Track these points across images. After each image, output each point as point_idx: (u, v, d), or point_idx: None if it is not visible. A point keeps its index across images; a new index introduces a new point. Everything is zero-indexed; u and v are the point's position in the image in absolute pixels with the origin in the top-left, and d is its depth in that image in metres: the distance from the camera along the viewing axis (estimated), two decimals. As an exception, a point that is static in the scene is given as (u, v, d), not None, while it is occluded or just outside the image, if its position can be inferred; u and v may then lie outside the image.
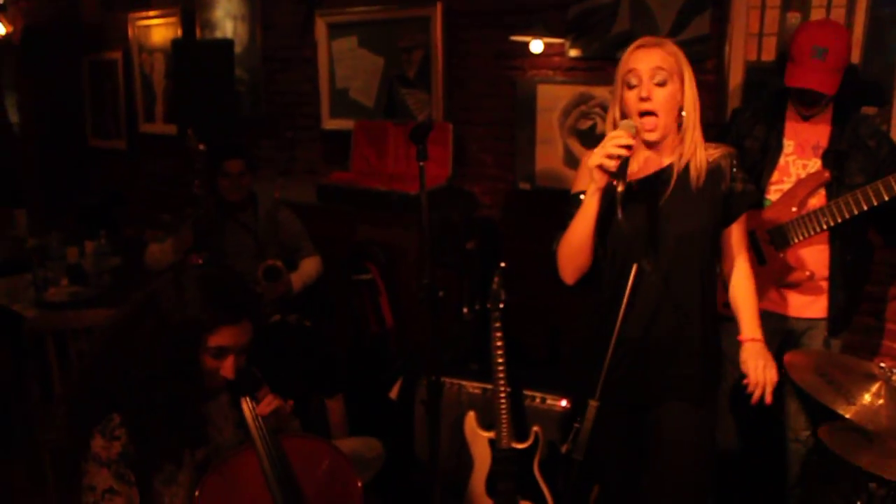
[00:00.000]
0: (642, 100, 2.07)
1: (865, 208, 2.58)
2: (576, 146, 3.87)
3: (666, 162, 2.18)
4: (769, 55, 3.30)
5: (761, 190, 2.74)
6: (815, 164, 2.76)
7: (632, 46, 2.14)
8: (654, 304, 2.16)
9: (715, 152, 2.19)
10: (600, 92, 3.75)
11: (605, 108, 3.75)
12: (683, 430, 2.23)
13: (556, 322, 4.08)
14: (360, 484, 2.04)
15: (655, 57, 2.08)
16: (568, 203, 2.27)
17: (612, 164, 1.96)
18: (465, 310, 3.71)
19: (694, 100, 2.13)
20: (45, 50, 6.21)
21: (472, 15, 4.11)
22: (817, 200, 2.74)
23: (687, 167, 2.15)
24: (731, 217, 2.22)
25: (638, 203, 2.11)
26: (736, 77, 3.33)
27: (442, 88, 4.21)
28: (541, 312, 4.08)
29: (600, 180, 2.02)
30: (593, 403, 1.81)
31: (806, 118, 2.75)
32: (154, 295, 1.92)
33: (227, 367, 1.91)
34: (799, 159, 2.79)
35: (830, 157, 2.72)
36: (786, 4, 3.24)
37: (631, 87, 2.10)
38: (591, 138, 3.81)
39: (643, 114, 2.10)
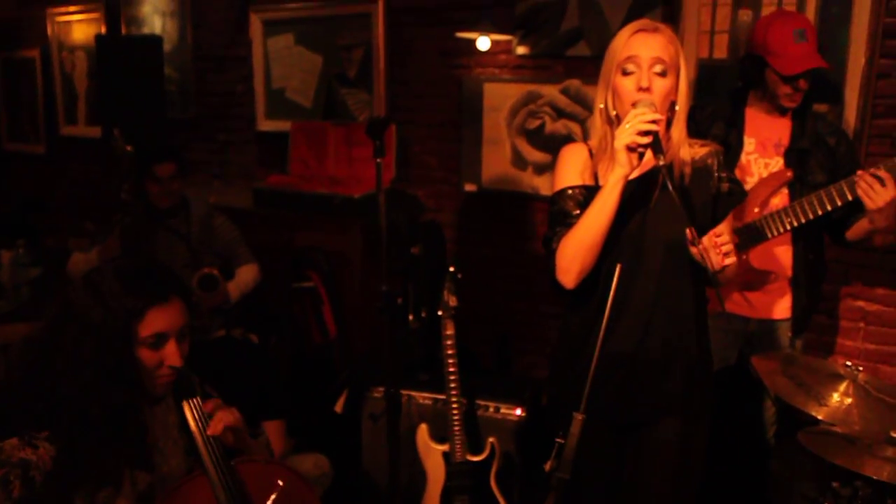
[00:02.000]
0: (641, 90, 1.90)
1: (830, 209, 2.54)
2: (524, 146, 3.77)
3: (654, 163, 1.99)
4: (721, 52, 3.27)
5: None
6: (777, 163, 2.70)
7: (628, 29, 1.96)
8: (647, 314, 2.00)
9: (701, 150, 2.06)
10: (549, 90, 3.66)
11: (553, 108, 3.67)
12: (676, 452, 2.10)
13: (505, 329, 3.98)
14: None
15: (657, 45, 1.92)
16: (557, 200, 2.07)
17: (645, 140, 1.81)
18: (410, 317, 3.56)
19: (686, 95, 1.98)
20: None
21: (415, 11, 3.99)
22: (780, 200, 2.69)
23: (671, 167, 1.99)
24: (717, 218, 2.07)
25: (627, 206, 1.95)
26: (688, 74, 3.27)
27: (384, 88, 4.08)
28: (489, 319, 3.98)
29: (628, 164, 1.85)
30: (579, 416, 1.67)
31: (783, 111, 2.66)
32: (69, 302, 1.72)
33: (172, 355, 1.72)
34: (761, 158, 2.73)
35: (793, 156, 2.67)
36: (737, 2, 3.21)
37: (627, 74, 1.93)
38: (540, 138, 3.72)
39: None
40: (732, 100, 2.78)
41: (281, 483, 1.88)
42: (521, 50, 3.73)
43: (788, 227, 2.62)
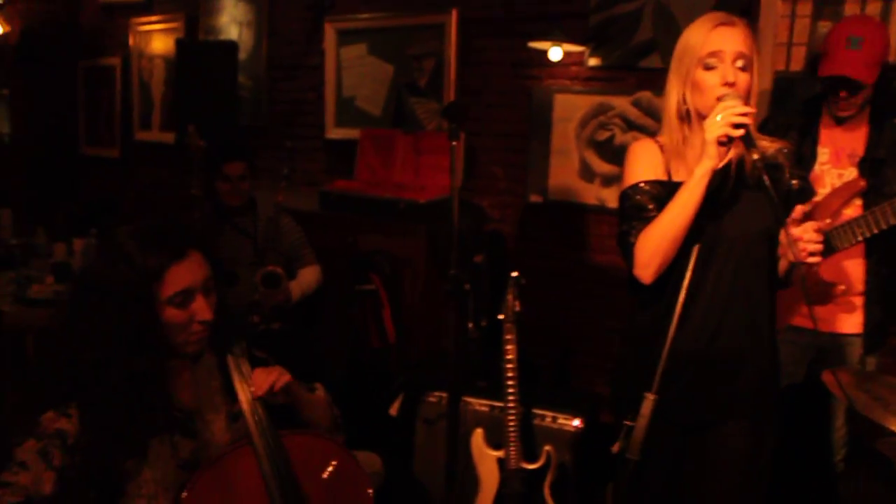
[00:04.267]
0: (727, 84, 1.86)
1: (904, 219, 2.45)
2: (592, 158, 3.73)
3: (727, 157, 1.98)
4: (798, 65, 3.20)
5: None
6: (850, 173, 2.63)
7: (707, 22, 1.92)
8: (719, 311, 1.95)
9: (770, 146, 2.01)
10: (619, 102, 3.63)
11: (624, 119, 3.64)
12: (742, 457, 2.03)
13: (566, 343, 3.92)
14: (371, 491, 1.84)
15: (739, 38, 1.89)
16: (631, 195, 2.02)
17: (737, 133, 1.77)
18: (470, 325, 3.53)
19: (757, 89, 1.95)
20: (40, 53, 6.07)
21: (487, 22, 4.01)
22: (852, 211, 2.61)
23: (742, 162, 1.96)
24: (787, 215, 1.98)
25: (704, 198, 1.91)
26: (763, 86, 3.21)
27: (454, 97, 4.08)
28: (550, 332, 3.92)
29: (716, 156, 1.82)
30: (650, 396, 1.61)
31: (840, 121, 2.62)
32: (87, 271, 1.70)
33: (202, 309, 1.67)
34: (834, 168, 2.66)
35: (867, 166, 2.59)
36: (817, 13, 3.15)
37: (709, 69, 1.89)
38: (610, 150, 3.68)
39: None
40: (806, 110, 2.72)
41: (335, 463, 1.83)
42: (593, 61, 3.71)
43: (860, 238, 2.54)
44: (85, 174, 6.31)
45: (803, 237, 1.72)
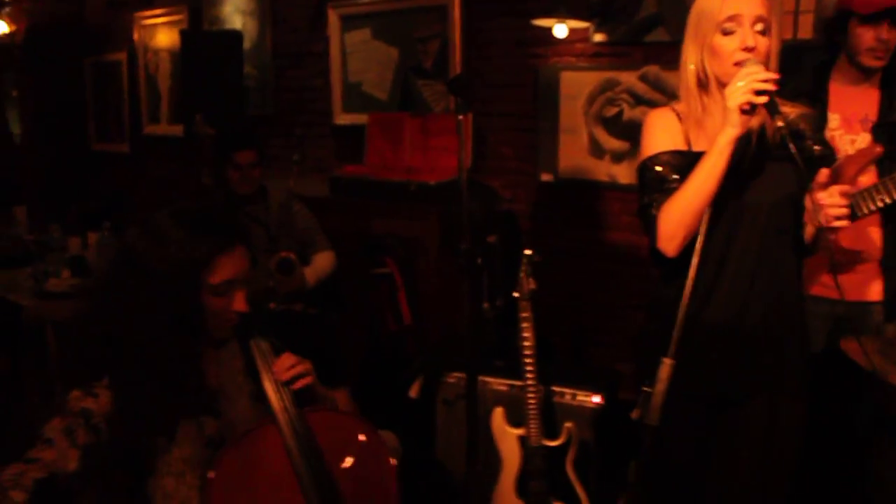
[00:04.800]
0: (747, 49, 1.81)
1: (923, 184, 2.42)
2: (601, 134, 3.72)
3: (750, 124, 1.90)
4: (805, 33, 3.18)
5: None
6: (864, 139, 2.60)
7: None
8: (747, 283, 1.91)
9: (791, 111, 1.96)
10: (627, 77, 3.62)
11: (632, 94, 3.62)
12: (768, 432, 1.99)
13: (582, 320, 3.92)
14: (394, 462, 1.86)
15: (758, 2, 1.83)
16: (650, 166, 1.98)
17: (761, 100, 1.72)
18: (485, 304, 3.54)
19: (777, 53, 1.90)
20: (47, 51, 6.09)
21: (491, 1, 4.00)
22: (868, 178, 2.57)
23: (763, 128, 1.91)
24: (808, 182, 1.92)
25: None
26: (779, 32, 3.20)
27: (460, 79, 4.07)
28: (566, 311, 3.93)
29: (740, 124, 1.77)
30: (667, 361, 1.61)
31: (868, 74, 2.53)
32: (130, 252, 1.69)
33: (239, 301, 1.72)
34: (846, 134, 2.63)
35: (882, 131, 2.56)
36: (824, -20, 3.11)
37: (728, 34, 1.84)
38: (618, 126, 3.67)
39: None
40: (815, 75, 2.69)
41: (356, 438, 1.86)
42: (598, 37, 3.69)
43: (880, 205, 2.51)
44: (96, 170, 6.34)
45: (829, 202, 1.68)
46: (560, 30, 3.63)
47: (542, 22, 3.64)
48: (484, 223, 3.75)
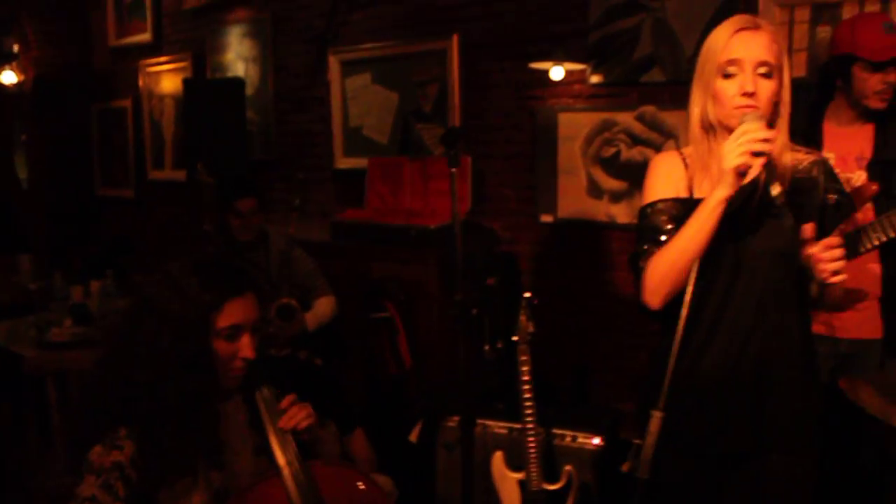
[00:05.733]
0: (746, 94, 1.76)
1: (920, 221, 2.41)
2: (599, 175, 3.73)
3: (755, 170, 1.82)
4: (799, 71, 3.20)
5: None
6: (859, 177, 2.60)
7: (728, 27, 1.80)
8: (743, 334, 1.85)
9: (805, 158, 1.90)
10: (623, 118, 3.64)
11: (629, 135, 3.64)
12: (780, 491, 1.91)
13: (584, 360, 3.90)
14: None
15: (761, 44, 1.76)
16: (648, 214, 1.94)
17: (758, 162, 1.67)
18: (486, 347, 3.53)
19: (789, 96, 1.83)
20: (55, 99, 6.19)
21: (489, 46, 4.04)
22: (864, 216, 2.57)
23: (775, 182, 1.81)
24: (823, 233, 1.86)
25: (724, 219, 1.79)
26: (790, 73, 3.22)
27: (459, 121, 4.11)
28: (566, 351, 3.91)
29: (734, 185, 1.71)
30: (657, 414, 1.58)
31: (869, 115, 2.55)
32: (148, 296, 1.78)
33: (246, 347, 1.77)
34: (842, 173, 2.61)
35: (877, 168, 2.56)
36: (815, 18, 3.14)
37: (728, 77, 1.78)
38: (616, 166, 3.69)
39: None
40: (809, 115, 2.70)
41: (362, 487, 1.88)
42: (594, 79, 3.72)
43: (876, 243, 2.50)
44: (101, 215, 6.40)
45: (823, 256, 1.64)
46: (557, 72, 3.66)
47: (539, 65, 3.68)
48: (484, 265, 3.77)
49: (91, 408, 1.73)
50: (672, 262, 1.81)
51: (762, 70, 1.76)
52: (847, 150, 2.62)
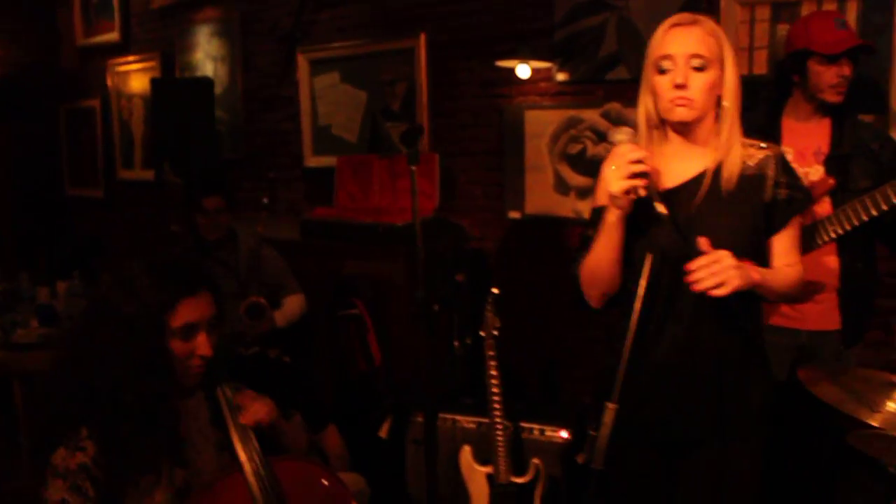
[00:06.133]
0: (677, 87, 1.80)
1: (875, 213, 2.45)
2: (566, 171, 3.77)
3: (702, 165, 1.91)
4: (760, 68, 3.25)
5: None
6: (817, 171, 2.65)
7: (665, 24, 1.86)
8: (688, 326, 1.89)
9: (758, 153, 1.93)
10: (589, 115, 3.67)
11: (594, 131, 3.67)
12: (724, 476, 1.94)
13: (552, 355, 3.94)
14: None
15: (693, 39, 1.81)
16: (590, 220, 2.00)
17: (640, 183, 1.72)
18: (455, 343, 3.55)
19: (735, 89, 1.88)
20: (22, 99, 6.12)
21: (456, 45, 4.06)
22: (822, 209, 2.62)
23: (719, 169, 1.89)
24: (772, 228, 1.94)
25: (669, 215, 1.82)
26: (737, 67, 3.27)
27: (427, 120, 4.13)
28: (536, 346, 3.95)
29: (625, 205, 1.77)
30: (611, 406, 1.62)
31: (826, 109, 2.60)
32: (101, 298, 1.80)
33: (202, 345, 1.77)
34: (801, 167, 2.67)
35: (834, 163, 2.61)
36: (775, 16, 3.20)
37: (663, 72, 1.82)
38: (582, 162, 3.72)
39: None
40: (767, 111, 2.75)
41: (325, 483, 1.89)
42: (560, 76, 3.76)
43: (833, 236, 2.55)
44: (71, 216, 6.35)
45: (704, 267, 1.71)
46: (523, 70, 3.69)
47: (506, 63, 3.71)
48: (453, 262, 3.79)
49: (51, 410, 1.73)
50: (591, 270, 1.92)
51: (695, 63, 1.80)
52: (805, 146, 2.67)
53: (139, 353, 1.70)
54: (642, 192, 1.74)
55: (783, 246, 1.96)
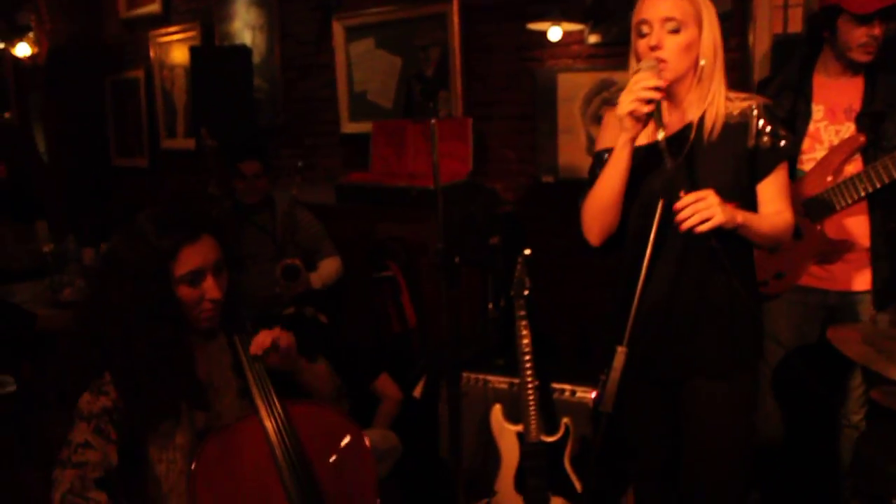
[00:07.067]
0: (652, 48, 1.91)
1: (906, 171, 2.44)
2: (599, 134, 3.76)
3: (687, 119, 2.01)
4: (796, 27, 3.20)
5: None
6: (848, 129, 2.62)
7: None
8: (676, 269, 2.00)
9: (741, 104, 2.01)
10: (622, 77, 3.56)
11: (627, 94, 3.65)
12: (715, 411, 2.07)
13: (586, 318, 3.95)
14: (375, 470, 1.95)
15: (667, 3, 1.91)
16: (593, 162, 2.14)
17: (646, 109, 1.83)
18: (489, 306, 3.60)
19: (714, 46, 1.96)
20: (69, 71, 6.26)
21: (489, 8, 4.06)
22: (854, 167, 2.60)
23: (702, 121, 1.98)
24: (757, 176, 2.02)
25: (655, 165, 1.96)
26: (762, 51, 3.22)
27: (461, 84, 4.15)
28: (569, 309, 3.97)
29: (632, 128, 1.88)
30: (621, 349, 1.67)
31: (857, 70, 2.57)
32: (111, 251, 1.86)
33: (211, 288, 1.83)
34: (831, 125, 2.65)
35: (865, 120, 2.58)
36: (811, -26, 3.14)
37: (642, 36, 1.95)
38: (615, 125, 3.70)
39: None
40: (800, 68, 2.72)
41: (341, 438, 1.93)
42: (593, 38, 3.74)
43: (863, 194, 2.53)
44: (117, 184, 6.50)
45: (687, 205, 1.81)
46: (555, 32, 3.68)
47: (537, 25, 3.70)
48: (486, 225, 3.82)
49: (74, 359, 1.80)
50: (595, 202, 2.04)
51: (669, 26, 1.91)
52: (836, 102, 2.64)
53: (147, 302, 1.76)
54: (645, 110, 1.83)
55: (769, 193, 2.04)
